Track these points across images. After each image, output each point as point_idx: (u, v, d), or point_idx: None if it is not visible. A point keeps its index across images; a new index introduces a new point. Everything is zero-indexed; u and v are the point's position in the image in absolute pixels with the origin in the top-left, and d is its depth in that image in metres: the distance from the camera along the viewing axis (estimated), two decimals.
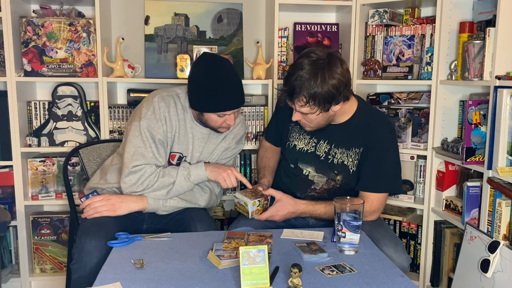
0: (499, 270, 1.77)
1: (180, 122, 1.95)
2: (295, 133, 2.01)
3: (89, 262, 1.66)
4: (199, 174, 1.91)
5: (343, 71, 1.74)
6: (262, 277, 1.30)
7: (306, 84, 1.70)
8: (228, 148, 2.07)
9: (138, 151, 1.86)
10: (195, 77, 1.87)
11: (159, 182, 1.86)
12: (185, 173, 1.89)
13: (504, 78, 1.88)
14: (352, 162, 1.89)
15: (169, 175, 1.88)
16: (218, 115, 1.87)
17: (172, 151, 1.97)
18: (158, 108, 1.89)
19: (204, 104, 1.86)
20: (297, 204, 1.86)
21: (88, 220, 1.83)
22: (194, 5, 2.62)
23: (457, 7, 2.26)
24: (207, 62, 1.86)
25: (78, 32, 2.39)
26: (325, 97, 1.71)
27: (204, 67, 1.85)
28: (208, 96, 1.83)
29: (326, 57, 1.73)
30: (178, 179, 1.88)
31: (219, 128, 1.94)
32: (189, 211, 1.96)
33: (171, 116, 1.92)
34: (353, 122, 1.90)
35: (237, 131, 2.08)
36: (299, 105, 1.75)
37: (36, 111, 2.47)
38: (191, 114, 1.97)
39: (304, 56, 1.75)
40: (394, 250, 1.74)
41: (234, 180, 1.92)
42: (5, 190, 2.54)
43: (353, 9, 2.50)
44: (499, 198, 1.91)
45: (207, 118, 1.90)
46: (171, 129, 1.93)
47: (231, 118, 1.90)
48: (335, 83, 1.71)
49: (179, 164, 1.97)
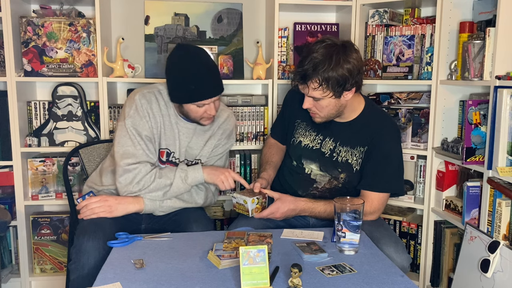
0: (499, 270, 1.77)
1: (165, 118, 1.94)
2: (301, 129, 2.01)
3: (87, 262, 1.66)
4: (196, 177, 1.90)
5: (357, 57, 1.77)
6: (262, 277, 1.30)
7: (320, 66, 1.71)
8: (218, 145, 2.06)
9: (128, 150, 1.86)
10: (170, 69, 1.87)
11: (156, 183, 1.86)
12: (183, 175, 1.89)
13: (504, 78, 1.88)
14: (356, 161, 1.89)
15: (166, 176, 1.87)
16: (197, 105, 1.85)
17: (160, 148, 1.96)
18: (140, 105, 1.89)
19: (182, 95, 1.85)
20: (297, 201, 1.86)
21: (86, 220, 1.83)
22: (194, 5, 2.62)
23: (457, 7, 2.26)
24: (180, 53, 1.86)
25: (78, 32, 2.39)
26: (338, 81, 1.72)
27: (178, 58, 1.85)
28: (184, 87, 1.83)
29: (341, 43, 1.77)
30: (175, 181, 1.88)
31: (201, 119, 1.92)
32: (186, 212, 1.96)
33: (154, 112, 1.91)
34: (359, 121, 1.90)
35: (226, 126, 2.07)
36: (312, 88, 1.75)
37: (36, 111, 2.47)
38: (174, 109, 1.97)
39: (319, 42, 1.77)
40: (394, 249, 1.74)
41: (232, 182, 1.92)
42: (5, 190, 2.53)
43: (353, 9, 2.50)
44: (499, 198, 1.91)
45: (187, 110, 1.89)
46: (156, 125, 1.92)
47: (211, 107, 1.88)
48: (349, 67, 1.73)
49: (168, 161, 1.97)
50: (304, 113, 1.93)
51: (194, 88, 1.81)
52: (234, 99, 2.56)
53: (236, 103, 2.55)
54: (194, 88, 1.81)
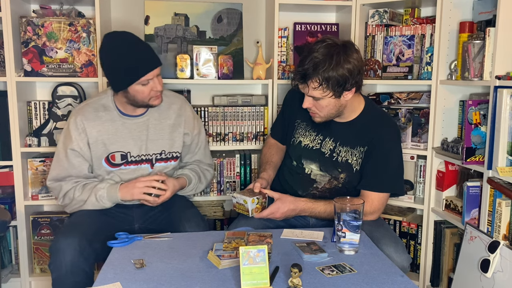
0: (499, 270, 1.77)
1: (106, 123, 1.96)
2: (301, 129, 2.01)
3: (63, 260, 1.68)
4: (112, 196, 1.90)
5: (358, 57, 1.77)
6: (262, 277, 1.31)
7: (321, 66, 1.71)
8: (188, 133, 2.08)
9: (52, 171, 1.96)
10: (105, 59, 1.89)
11: (77, 197, 1.91)
12: (99, 194, 1.90)
13: (504, 78, 1.88)
14: (356, 161, 1.89)
15: (83, 195, 1.91)
16: (142, 84, 1.86)
17: (110, 152, 1.97)
18: (74, 123, 1.94)
19: (124, 78, 1.86)
20: (297, 201, 1.86)
21: (66, 221, 1.92)
22: (194, 5, 2.62)
23: (457, 7, 2.26)
24: (109, 41, 1.88)
25: (78, 32, 2.39)
26: (338, 81, 1.72)
27: (108, 46, 1.87)
28: (124, 70, 1.84)
29: (342, 43, 1.77)
30: (89, 199, 1.90)
31: (150, 100, 1.92)
32: (178, 211, 1.97)
33: (90, 123, 1.94)
34: (359, 121, 1.90)
35: (183, 112, 2.08)
36: (312, 88, 1.75)
37: (36, 111, 2.47)
38: (118, 111, 1.98)
39: (320, 42, 1.77)
40: (394, 250, 1.74)
41: (149, 189, 1.89)
42: (5, 190, 2.53)
43: (353, 9, 2.50)
44: (499, 198, 1.91)
45: (134, 95, 1.89)
46: (94, 134, 1.94)
47: (155, 82, 1.89)
48: (350, 67, 1.73)
49: (128, 162, 1.99)
50: (304, 113, 1.93)
51: (133, 66, 1.83)
52: (234, 99, 2.56)
53: (236, 103, 2.55)
54: (133, 66, 1.83)
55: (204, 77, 2.49)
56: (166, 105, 2.05)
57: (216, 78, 2.50)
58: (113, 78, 1.90)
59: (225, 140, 2.55)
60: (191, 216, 1.95)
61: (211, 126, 2.53)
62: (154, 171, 2.02)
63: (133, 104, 1.94)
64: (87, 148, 1.94)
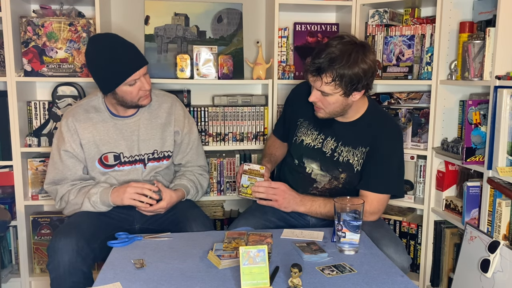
0: (499, 270, 1.77)
1: (98, 125, 1.96)
2: (304, 128, 2.00)
3: (62, 260, 1.67)
4: (105, 201, 1.90)
5: (374, 59, 1.77)
6: (262, 277, 1.31)
7: (337, 61, 1.69)
8: (178, 131, 2.07)
9: (48, 174, 1.97)
10: (91, 62, 1.89)
11: (71, 200, 1.91)
12: (92, 199, 1.90)
13: (504, 78, 1.88)
14: (358, 161, 1.89)
15: (77, 199, 1.91)
16: (129, 84, 1.86)
17: (103, 153, 1.97)
18: (65, 125, 1.95)
19: (111, 79, 1.86)
20: (298, 193, 1.88)
21: (65, 221, 1.92)
22: (194, 5, 2.62)
23: (457, 7, 2.26)
24: (94, 44, 1.88)
25: (78, 32, 2.39)
26: (352, 79, 1.71)
27: (93, 48, 1.87)
28: (110, 71, 1.84)
29: (360, 42, 1.76)
30: (84, 204, 1.90)
31: (139, 100, 1.92)
32: (183, 211, 1.97)
33: (82, 124, 1.94)
34: (362, 122, 1.90)
35: (173, 110, 2.08)
36: (325, 82, 1.73)
37: (36, 111, 2.47)
38: (109, 112, 1.98)
39: (338, 38, 1.76)
40: (394, 250, 1.74)
41: (140, 196, 1.87)
42: (5, 190, 2.53)
43: (353, 9, 2.50)
44: (499, 198, 1.91)
45: (123, 96, 1.89)
46: (86, 136, 1.94)
47: (142, 81, 1.89)
48: (365, 68, 1.72)
49: (121, 163, 1.99)
50: (306, 112, 1.93)
51: (120, 66, 1.83)
52: (234, 99, 2.56)
53: (236, 103, 2.55)
54: (120, 66, 1.83)
55: (204, 77, 2.49)
56: (156, 105, 2.05)
57: (216, 78, 2.50)
58: (100, 80, 1.90)
59: (225, 140, 2.55)
60: (197, 215, 1.95)
61: (211, 126, 2.53)
62: (147, 171, 2.02)
63: (122, 105, 1.94)
64: (80, 149, 1.95)
